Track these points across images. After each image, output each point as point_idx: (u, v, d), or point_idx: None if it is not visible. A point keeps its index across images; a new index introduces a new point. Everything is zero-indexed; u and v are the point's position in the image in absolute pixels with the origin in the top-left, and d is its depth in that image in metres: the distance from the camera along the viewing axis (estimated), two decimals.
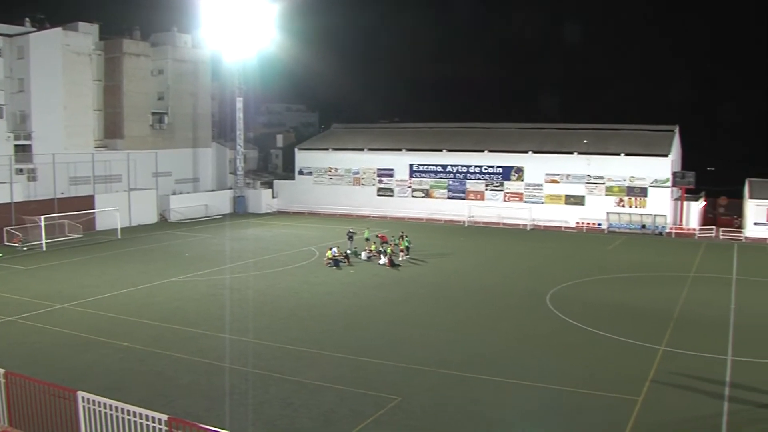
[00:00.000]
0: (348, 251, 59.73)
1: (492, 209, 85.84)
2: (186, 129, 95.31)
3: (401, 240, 61.31)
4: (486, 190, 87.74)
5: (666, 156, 79.91)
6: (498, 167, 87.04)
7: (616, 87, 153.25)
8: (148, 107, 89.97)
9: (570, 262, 60.72)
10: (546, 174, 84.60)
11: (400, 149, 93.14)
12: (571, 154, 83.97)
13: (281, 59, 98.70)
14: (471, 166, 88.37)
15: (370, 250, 60.13)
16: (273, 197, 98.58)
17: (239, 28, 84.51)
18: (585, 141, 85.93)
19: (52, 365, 30.83)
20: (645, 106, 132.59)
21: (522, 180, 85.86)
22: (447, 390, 28.71)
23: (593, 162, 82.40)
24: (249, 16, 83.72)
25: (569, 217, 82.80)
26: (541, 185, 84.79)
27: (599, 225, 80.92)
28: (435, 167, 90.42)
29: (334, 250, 57.75)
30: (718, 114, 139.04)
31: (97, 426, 20.62)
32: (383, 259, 57.36)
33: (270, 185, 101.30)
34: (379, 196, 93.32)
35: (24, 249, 62.76)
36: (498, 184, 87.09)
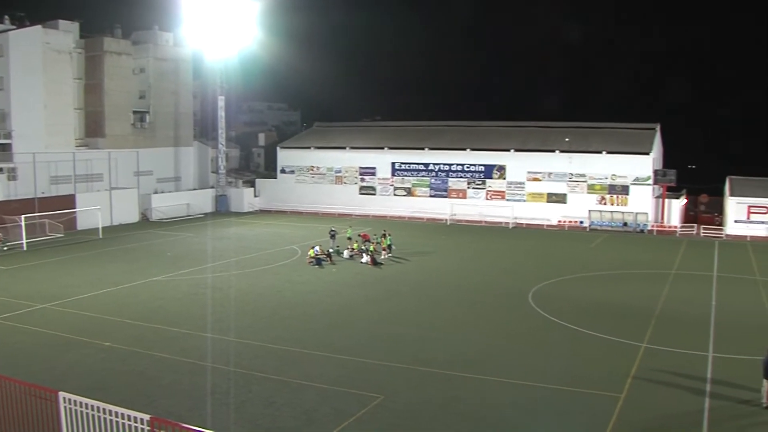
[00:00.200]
0: (330, 250, 59.68)
1: (474, 207, 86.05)
2: (168, 128, 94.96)
3: (383, 238, 61.30)
4: (468, 188, 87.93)
5: (647, 154, 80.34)
6: (480, 165, 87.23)
7: (598, 85, 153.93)
8: (129, 106, 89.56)
9: (552, 259, 60.90)
10: (528, 172, 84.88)
11: (382, 148, 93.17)
12: (553, 152, 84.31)
13: (263, 58, 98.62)
14: (453, 164, 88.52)
15: (352, 248, 60.09)
16: (255, 196, 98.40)
17: (221, 26, 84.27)
18: (567, 139, 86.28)
19: (32, 366, 30.57)
20: (626, 104, 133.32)
21: (504, 178, 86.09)
22: (430, 388, 28.71)
23: (575, 160, 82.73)
24: (230, 14, 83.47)
25: (551, 215, 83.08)
26: (523, 183, 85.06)
27: (581, 223, 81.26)
28: (417, 165, 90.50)
29: (316, 248, 57.64)
30: (699, 112, 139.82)
31: (79, 426, 20.47)
32: (366, 258, 57.34)
33: (252, 184, 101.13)
34: (362, 194, 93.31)
35: (4, 249, 62.28)
36: (480, 182, 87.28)
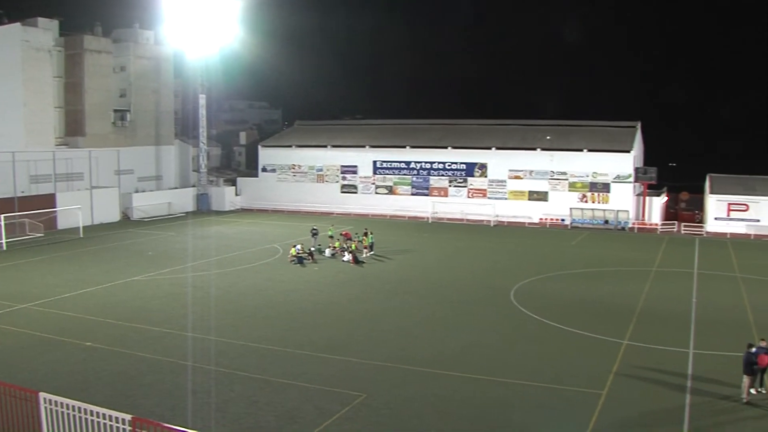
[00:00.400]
0: (312, 248, 59.64)
1: (455, 205, 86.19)
2: (148, 126, 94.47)
3: (365, 237, 61.28)
4: (449, 186, 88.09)
5: (628, 152, 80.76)
6: (461, 163, 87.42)
7: (578, 83, 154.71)
8: (109, 104, 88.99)
9: (533, 257, 61.10)
10: (509, 170, 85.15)
11: (363, 146, 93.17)
12: (534, 150, 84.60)
13: (244, 56, 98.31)
14: (434, 162, 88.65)
15: (334, 247, 60.08)
16: (236, 195, 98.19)
17: (202, 24, 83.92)
18: (548, 137, 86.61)
19: (13, 366, 30.35)
20: (608, 102, 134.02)
21: (485, 176, 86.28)
22: (412, 386, 28.74)
23: (556, 158, 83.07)
24: (212, 12, 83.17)
25: (533, 213, 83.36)
26: (505, 181, 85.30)
27: (562, 221, 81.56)
28: (398, 164, 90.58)
29: (298, 247, 57.57)
30: (680, 110, 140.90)
31: (60, 427, 20.39)
32: (347, 256, 57.32)
33: (233, 183, 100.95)
34: (343, 192, 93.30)
35: None
36: (461, 180, 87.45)
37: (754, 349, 27.53)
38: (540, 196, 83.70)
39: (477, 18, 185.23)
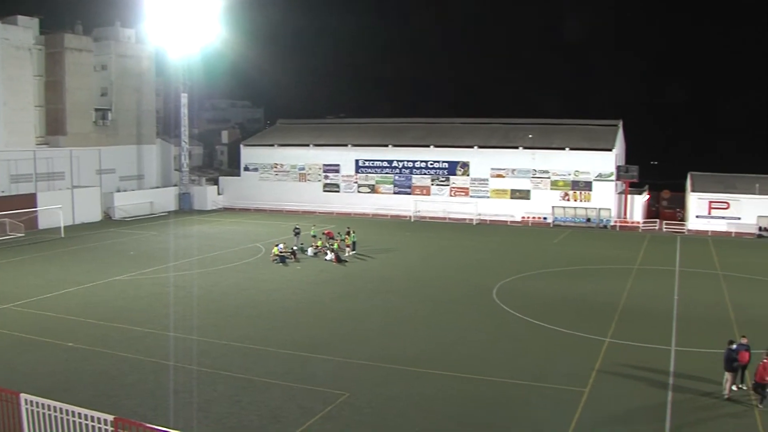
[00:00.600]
0: (294, 247, 59.61)
1: (438, 204, 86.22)
2: (130, 125, 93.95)
3: (348, 236, 61.23)
4: (432, 185, 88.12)
5: (610, 150, 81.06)
6: (444, 162, 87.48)
7: (560, 81, 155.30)
8: (90, 103, 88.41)
9: (516, 256, 61.27)
10: (491, 168, 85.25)
11: (345, 145, 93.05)
12: (517, 148, 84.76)
13: (226, 55, 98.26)
14: (417, 161, 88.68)
15: (316, 246, 60.03)
16: (218, 194, 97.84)
17: (184, 23, 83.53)
18: (530, 136, 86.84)
19: None
20: (589, 100, 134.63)
21: (468, 175, 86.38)
22: (395, 385, 28.76)
23: (538, 156, 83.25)
24: (193, 11, 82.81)
25: (515, 212, 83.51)
26: (487, 180, 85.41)
27: (545, 219, 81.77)
28: (381, 162, 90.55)
29: (280, 246, 57.48)
30: (661, 108, 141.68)
31: (42, 429, 20.29)
32: (330, 255, 57.26)
33: (215, 182, 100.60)
34: (325, 191, 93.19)
35: None
36: (444, 179, 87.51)
37: (734, 346, 27.73)
38: (522, 194, 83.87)
39: (462, 18, 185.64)
